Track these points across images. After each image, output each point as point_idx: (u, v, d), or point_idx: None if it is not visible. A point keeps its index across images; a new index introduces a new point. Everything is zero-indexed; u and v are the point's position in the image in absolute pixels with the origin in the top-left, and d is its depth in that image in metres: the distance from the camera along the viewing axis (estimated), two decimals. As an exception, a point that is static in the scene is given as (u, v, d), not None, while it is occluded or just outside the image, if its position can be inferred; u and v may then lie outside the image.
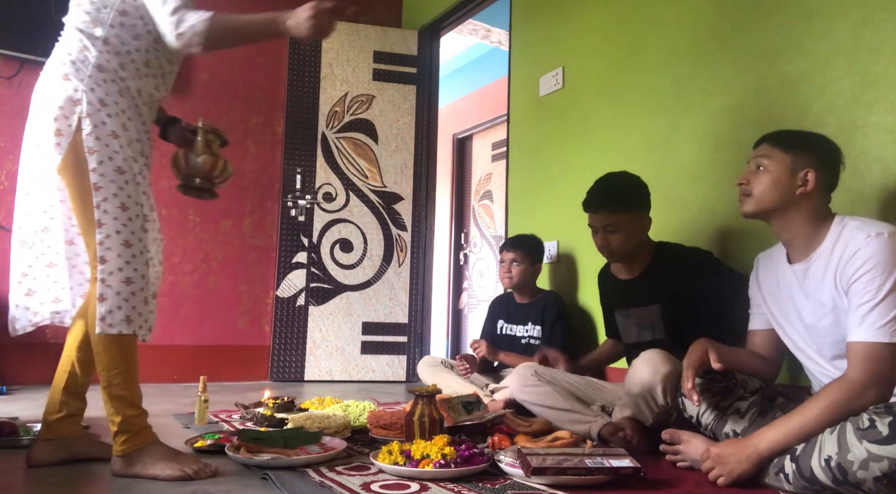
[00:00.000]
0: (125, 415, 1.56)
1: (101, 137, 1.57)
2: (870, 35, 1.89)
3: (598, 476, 1.50)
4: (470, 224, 5.64)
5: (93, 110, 1.58)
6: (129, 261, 1.56)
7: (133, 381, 1.60)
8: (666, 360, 1.85)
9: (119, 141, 1.59)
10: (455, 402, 2.13)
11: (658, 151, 2.55)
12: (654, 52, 2.62)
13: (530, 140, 3.29)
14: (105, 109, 1.59)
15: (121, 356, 1.57)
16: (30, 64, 3.31)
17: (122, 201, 1.57)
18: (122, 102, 1.63)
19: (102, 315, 1.53)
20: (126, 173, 1.59)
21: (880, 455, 1.26)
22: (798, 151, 1.58)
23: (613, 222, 2.16)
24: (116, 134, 1.59)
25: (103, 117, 1.58)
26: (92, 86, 1.59)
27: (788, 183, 1.56)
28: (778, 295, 1.67)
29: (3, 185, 3.34)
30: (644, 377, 1.86)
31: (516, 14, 3.48)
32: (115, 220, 1.56)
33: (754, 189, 1.60)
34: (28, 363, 3.25)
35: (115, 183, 1.57)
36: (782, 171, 1.57)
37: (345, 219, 3.98)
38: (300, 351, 3.84)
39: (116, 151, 1.58)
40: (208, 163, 1.79)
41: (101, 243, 1.54)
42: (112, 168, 1.57)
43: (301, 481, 1.51)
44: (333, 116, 4.01)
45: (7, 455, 1.74)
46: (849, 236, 1.48)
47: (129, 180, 1.59)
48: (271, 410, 2.34)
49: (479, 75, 5.68)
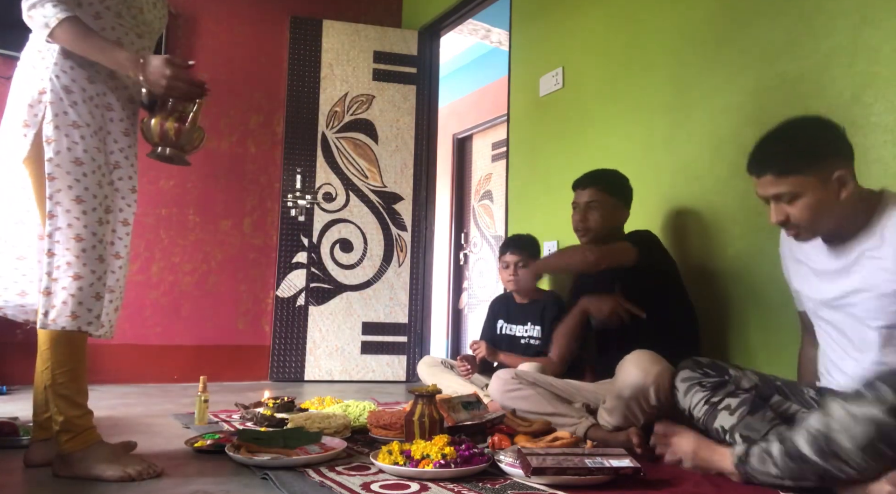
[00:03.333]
0: (67, 415, 1.51)
1: (61, 127, 1.53)
2: (870, 35, 1.89)
3: (598, 476, 1.50)
4: (470, 224, 5.64)
5: (55, 99, 1.54)
6: (79, 256, 1.51)
7: (79, 380, 1.55)
8: (654, 360, 1.84)
9: (81, 131, 1.55)
10: (455, 402, 2.13)
11: (658, 151, 2.55)
12: (654, 52, 2.62)
13: (530, 140, 3.29)
14: (69, 97, 1.55)
15: (67, 353, 1.52)
16: (30, 64, 3.32)
17: (78, 193, 1.52)
18: (92, 88, 1.59)
19: (45, 310, 1.49)
20: (85, 165, 1.54)
21: (859, 416, 1.25)
22: (813, 165, 1.46)
23: (597, 200, 2.28)
24: (77, 124, 1.55)
25: (65, 106, 1.54)
26: (58, 73, 1.55)
27: (829, 199, 1.45)
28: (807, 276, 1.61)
29: (3, 185, 3.33)
30: (635, 379, 1.83)
31: (516, 14, 3.48)
32: (67, 212, 1.51)
33: (800, 221, 1.49)
34: (28, 363, 3.21)
35: (72, 174, 1.52)
36: (814, 190, 1.45)
37: (345, 219, 3.98)
38: (300, 351, 3.84)
39: (76, 142, 1.54)
40: (197, 136, 1.70)
41: (51, 235, 1.51)
42: (69, 159, 1.52)
43: (301, 481, 1.51)
44: (333, 116, 4.01)
45: (7, 455, 1.75)
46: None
47: (87, 172, 1.54)
48: (271, 410, 2.34)
49: (479, 75, 5.68)
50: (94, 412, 1.60)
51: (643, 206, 2.55)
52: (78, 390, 1.55)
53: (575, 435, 1.94)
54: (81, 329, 1.52)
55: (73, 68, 1.57)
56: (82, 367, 1.56)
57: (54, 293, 1.50)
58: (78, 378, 1.55)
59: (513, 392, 2.17)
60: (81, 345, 1.56)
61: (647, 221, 2.51)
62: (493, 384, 2.27)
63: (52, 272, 1.51)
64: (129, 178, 1.68)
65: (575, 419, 2.04)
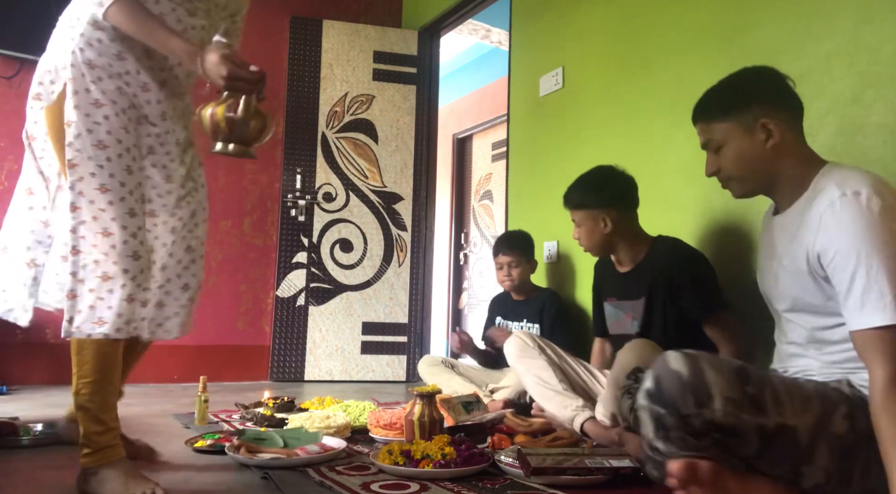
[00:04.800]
0: (87, 430, 1.40)
1: (81, 106, 1.38)
2: (870, 35, 1.89)
3: (598, 476, 1.50)
4: (470, 224, 5.64)
5: (76, 75, 1.39)
6: (108, 253, 1.35)
7: (102, 393, 1.40)
8: (653, 349, 1.82)
9: (104, 110, 1.39)
10: (455, 402, 2.13)
11: (658, 151, 2.55)
12: (654, 52, 2.62)
13: (530, 140, 3.29)
14: (92, 73, 1.40)
15: (91, 363, 1.37)
16: (30, 64, 3.30)
17: (102, 181, 1.36)
18: (121, 65, 1.43)
19: (70, 316, 1.34)
20: (109, 148, 1.38)
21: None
22: (734, 110, 1.40)
23: (577, 219, 2.21)
24: (100, 103, 1.39)
25: (87, 83, 1.39)
26: (82, 45, 1.40)
27: (752, 146, 1.38)
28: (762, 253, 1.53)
29: (3, 185, 3.33)
30: (630, 366, 1.81)
31: (516, 14, 3.48)
32: (91, 204, 1.35)
33: (729, 171, 1.43)
34: (28, 363, 3.25)
35: (94, 160, 1.36)
36: (738, 138, 1.39)
37: (345, 219, 3.98)
38: (300, 351, 3.84)
39: (98, 123, 1.38)
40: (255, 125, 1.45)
41: (74, 230, 1.35)
42: (91, 142, 1.36)
43: (301, 481, 1.51)
44: (333, 116, 4.01)
45: (7, 455, 1.74)
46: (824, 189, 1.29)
47: (112, 157, 1.38)
48: (271, 410, 2.34)
49: (479, 75, 5.68)
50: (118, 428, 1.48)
51: (643, 206, 2.55)
52: (102, 404, 1.40)
53: (571, 426, 1.93)
54: (110, 337, 1.36)
55: (100, 41, 1.41)
56: (108, 379, 1.41)
57: (80, 297, 1.34)
58: (103, 391, 1.40)
59: (528, 359, 2.16)
60: (111, 354, 1.40)
61: (646, 221, 2.50)
62: (510, 343, 2.25)
63: (78, 272, 1.34)
64: (164, 166, 1.51)
65: (577, 406, 2.01)
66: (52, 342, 3.29)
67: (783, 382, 1.24)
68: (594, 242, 2.20)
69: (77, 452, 1.43)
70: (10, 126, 3.30)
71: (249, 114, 1.41)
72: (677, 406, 1.16)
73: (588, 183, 2.23)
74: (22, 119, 1.64)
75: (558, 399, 2.04)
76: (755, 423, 1.16)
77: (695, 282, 1.99)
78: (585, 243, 2.22)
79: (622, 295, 2.21)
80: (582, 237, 2.22)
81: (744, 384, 1.17)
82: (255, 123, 1.44)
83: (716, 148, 1.45)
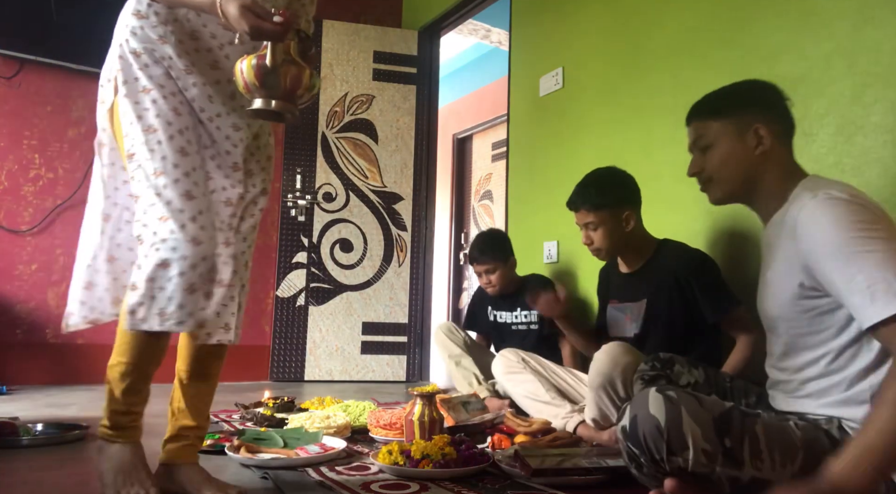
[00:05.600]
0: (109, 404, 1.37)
1: (130, 95, 1.35)
2: (870, 35, 1.89)
3: (598, 476, 1.50)
4: (470, 224, 5.64)
5: (125, 65, 1.37)
6: (166, 239, 1.26)
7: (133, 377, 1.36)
8: (627, 351, 1.84)
9: (151, 95, 1.35)
10: (455, 402, 2.14)
11: (658, 151, 2.55)
12: (654, 52, 2.62)
13: (530, 140, 3.29)
14: (139, 61, 1.37)
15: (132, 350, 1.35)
16: (30, 64, 3.30)
17: (156, 165, 1.31)
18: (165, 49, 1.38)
19: (132, 308, 1.26)
20: (159, 131, 1.33)
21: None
22: (732, 111, 1.41)
23: (593, 220, 2.14)
24: (147, 89, 1.35)
25: (135, 72, 1.36)
26: (127, 37, 1.38)
27: (742, 150, 1.38)
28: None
29: (3, 185, 3.34)
30: (604, 367, 1.83)
31: (516, 14, 3.48)
32: (148, 190, 1.31)
33: (712, 172, 1.43)
34: (28, 363, 3.25)
35: (147, 145, 1.32)
36: (729, 138, 1.40)
37: (345, 219, 3.98)
38: (300, 351, 3.84)
39: (146, 109, 1.35)
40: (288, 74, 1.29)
41: (139, 219, 1.30)
42: (141, 128, 1.33)
43: (301, 481, 1.51)
44: (333, 116, 4.01)
45: (7, 455, 1.74)
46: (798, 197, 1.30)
47: (162, 139, 1.33)
48: (271, 410, 2.34)
49: (479, 75, 5.68)
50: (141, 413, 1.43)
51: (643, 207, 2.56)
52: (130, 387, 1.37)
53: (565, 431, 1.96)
54: (171, 330, 1.29)
55: (143, 29, 1.38)
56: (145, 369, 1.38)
57: (139, 288, 1.26)
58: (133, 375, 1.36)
59: (514, 374, 2.19)
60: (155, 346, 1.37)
61: (647, 222, 2.51)
62: (496, 362, 2.28)
63: (141, 264, 1.27)
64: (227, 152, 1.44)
65: (566, 413, 2.04)
66: (52, 342, 3.28)
67: (767, 431, 1.19)
68: (614, 242, 2.15)
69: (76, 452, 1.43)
70: (10, 126, 3.29)
71: (277, 61, 1.27)
72: (650, 451, 1.15)
73: (603, 182, 2.18)
74: (22, 119, 1.63)
75: (548, 410, 2.08)
76: (728, 475, 1.15)
77: (708, 285, 1.99)
78: (604, 243, 2.15)
79: (623, 297, 2.21)
80: (599, 239, 2.14)
81: (722, 437, 1.15)
82: (288, 71, 1.29)
83: (704, 147, 1.45)
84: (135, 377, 1.37)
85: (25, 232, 3.37)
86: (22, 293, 3.31)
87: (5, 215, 3.33)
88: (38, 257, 3.39)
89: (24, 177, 3.36)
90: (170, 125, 1.34)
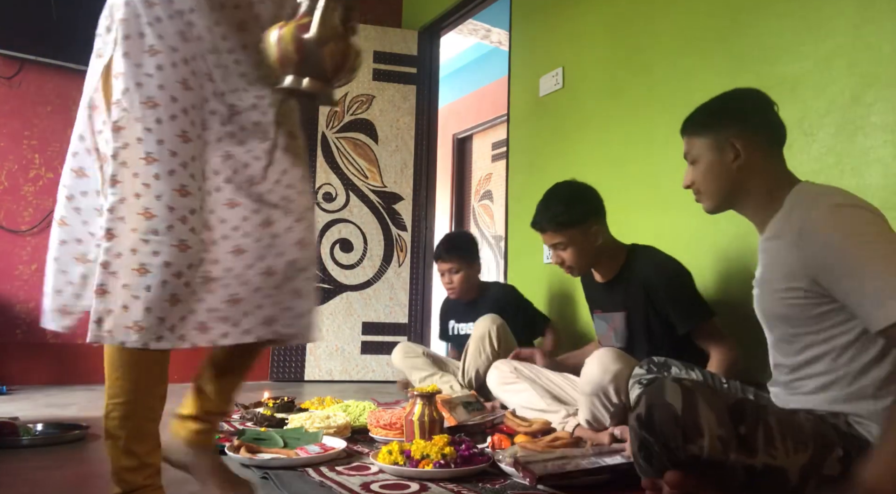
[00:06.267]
0: (116, 463, 1.11)
1: (131, 54, 1.09)
2: (870, 35, 1.89)
3: (599, 476, 1.50)
4: (470, 224, 5.64)
5: (130, 15, 1.10)
6: (148, 240, 1.06)
7: (136, 419, 1.11)
8: (617, 358, 1.83)
9: (158, 59, 1.10)
10: (455, 402, 2.14)
11: (658, 151, 2.55)
12: (654, 52, 2.62)
13: (530, 140, 3.29)
14: (149, 12, 1.10)
15: (124, 379, 1.10)
16: (30, 64, 3.30)
17: (149, 149, 1.07)
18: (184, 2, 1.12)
19: (99, 316, 1.05)
20: (160, 107, 1.08)
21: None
22: (710, 127, 1.44)
23: (562, 240, 2.08)
24: (155, 50, 1.10)
25: (142, 26, 1.10)
26: None
27: (720, 164, 1.42)
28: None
29: (3, 185, 3.33)
30: (594, 375, 1.83)
31: (516, 14, 3.48)
32: (134, 177, 1.07)
33: (699, 185, 1.48)
34: (28, 363, 3.25)
35: (142, 122, 1.08)
36: (708, 155, 1.44)
37: (345, 219, 3.98)
38: (300, 351, 3.84)
39: (149, 74, 1.09)
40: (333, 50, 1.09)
41: (113, 209, 1.07)
42: (139, 99, 1.08)
43: (301, 481, 1.51)
44: (333, 116, 4.01)
45: (7, 455, 1.74)
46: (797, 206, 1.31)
47: (163, 118, 1.09)
48: (271, 410, 2.34)
49: (479, 75, 5.68)
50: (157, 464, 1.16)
51: (642, 207, 2.56)
52: (136, 433, 1.11)
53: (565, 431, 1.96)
54: (148, 346, 1.08)
55: None
56: (146, 401, 1.13)
57: (111, 293, 1.05)
58: (137, 416, 1.11)
59: (509, 385, 2.19)
60: (150, 368, 1.13)
61: (646, 222, 2.51)
62: (491, 374, 2.29)
63: (111, 263, 1.05)
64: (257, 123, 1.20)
65: (562, 418, 2.04)
66: (52, 342, 3.28)
67: (780, 420, 1.21)
68: (585, 259, 2.10)
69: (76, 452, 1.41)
70: (10, 126, 3.29)
71: (326, 31, 1.05)
72: (665, 439, 1.16)
73: (565, 200, 2.11)
74: (22, 120, 1.60)
75: (545, 417, 2.06)
76: (743, 462, 1.15)
77: (675, 299, 1.96)
78: (576, 262, 2.10)
79: (605, 307, 2.20)
80: (570, 258, 2.10)
81: (737, 424, 1.17)
82: (334, 46, 1.08)
83: (692, 161, 1.50)
84: (138, 416, 1.12)
85: (25, 232, 3.37)
86: (22, 293, 3.31)
87: (5, 215, 3.33)
88: (38, 257, 3.38)
89: (24, 177, 3.35)
90: (174, 102, 1.10)
